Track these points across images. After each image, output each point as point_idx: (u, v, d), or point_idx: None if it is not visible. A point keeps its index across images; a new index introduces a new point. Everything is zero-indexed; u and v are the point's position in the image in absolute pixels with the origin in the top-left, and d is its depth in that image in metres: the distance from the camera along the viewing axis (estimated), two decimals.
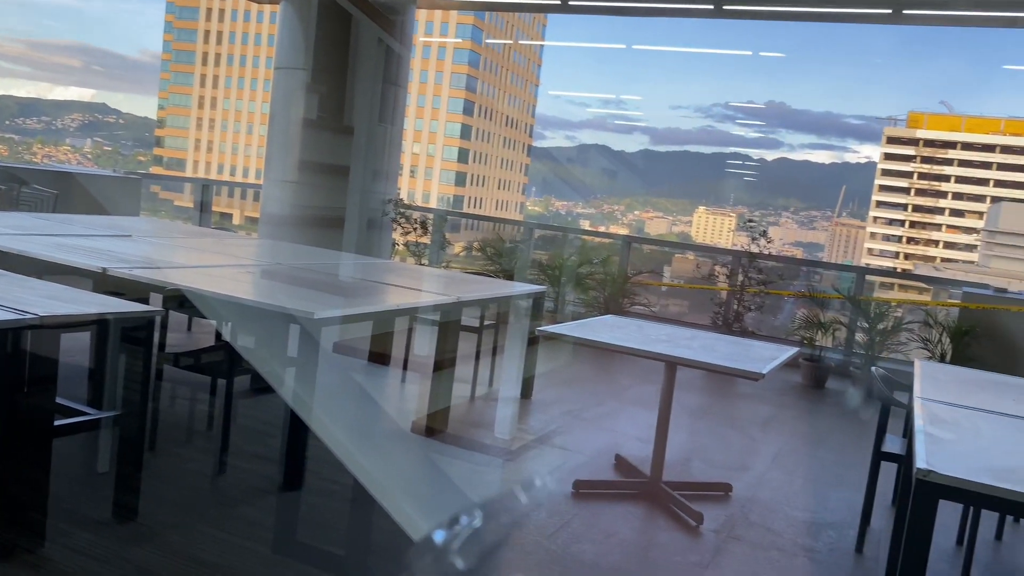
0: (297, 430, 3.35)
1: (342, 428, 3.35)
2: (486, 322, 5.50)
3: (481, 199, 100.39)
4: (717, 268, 8.39)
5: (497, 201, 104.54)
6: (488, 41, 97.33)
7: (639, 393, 6.06)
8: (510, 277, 8.30)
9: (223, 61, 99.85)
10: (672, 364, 3.93)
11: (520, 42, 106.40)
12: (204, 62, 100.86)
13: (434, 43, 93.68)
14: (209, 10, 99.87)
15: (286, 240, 6.76)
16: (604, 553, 3.27)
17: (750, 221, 8.30)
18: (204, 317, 3.97)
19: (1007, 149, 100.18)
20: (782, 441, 5.36)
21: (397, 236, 8.18)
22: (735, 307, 7.87)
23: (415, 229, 8.21)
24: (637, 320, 5.09)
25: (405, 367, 5.38)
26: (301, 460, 3.41)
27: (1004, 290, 7.40)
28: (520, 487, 3.92)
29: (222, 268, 4.53)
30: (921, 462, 2.24)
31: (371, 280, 4.97)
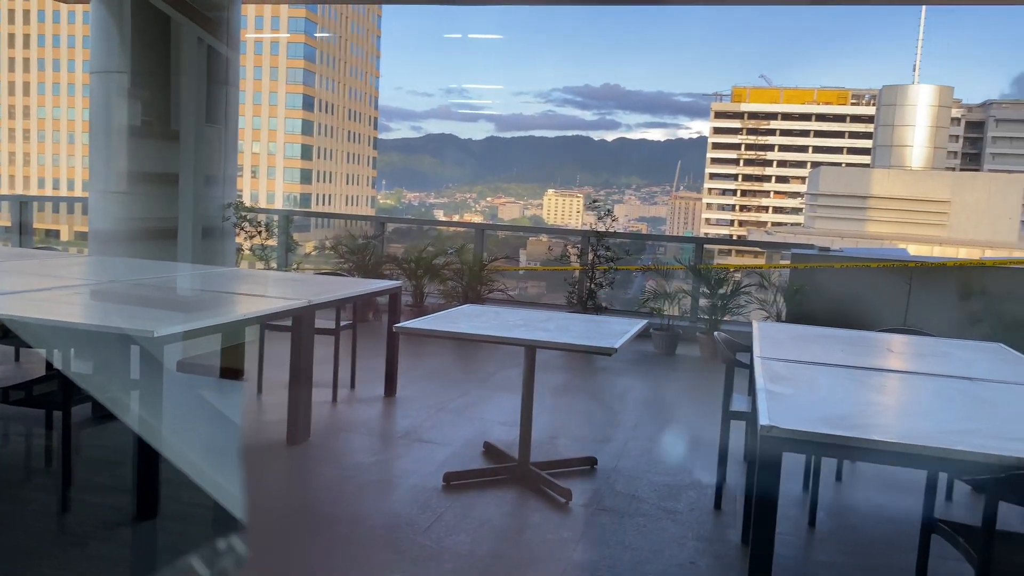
0: (146, 456, 3.16)
1: (194, 448, 3.19)
2: (343, 322, 5.39)
3: (330, 196, 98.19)
4: (570, 248, 8.60)
5: (347, 197, 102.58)
6: (319, 35, 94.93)
7: (503, 379, 6.13)
8: (366, 274, 8.18)
9: (33, 66, 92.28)
10: (531, 348, 4.00)
11: (355, 34, 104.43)
12: (11, 68, 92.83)
13: (266, 39, 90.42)
14: (11, 11, 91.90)
15: (118, 255, 6.35)
16: (478, 541, 3.29)
17: (595, 201, 8.54)
18: (31, 347, 3.67)
19: (821, 117, 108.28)
20: (640, 410, 5.57)
21: (241, 241, 7.87)
22: (588, 285, 8.10)
23: (259, 232, 7.92)
24: (495, 307, 5.14)
25: (260, 378, 5.19)
26: (154, 487, 3.23)
27: (827, 248, 8.00)
28: (389, 486, 3.87)
29: (49, 291, 4.20)
30: (764, 419, 2.39)
31: (215, 291, 4.75)
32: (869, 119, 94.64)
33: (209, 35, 6.31)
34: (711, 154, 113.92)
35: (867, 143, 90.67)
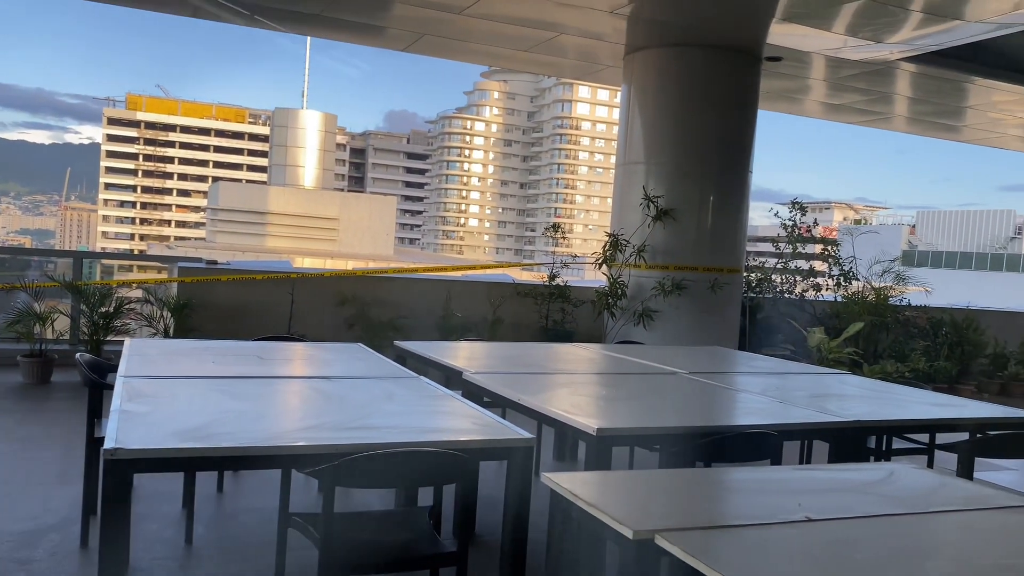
0: None
1: None
2: None
3: None
4: None
5: None
6: None
7: None
8: None
9: None
10: None
11: None
12: None
13: None
14: None
15: None
16: None
17: None
18: None
19: (220, 133, 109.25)
20: None
21: None
22: None
23: None
24: None
25: None
26: None
27: (215, 262, 8.04)
28: None
29: None
30: (111, 442, 2.24)
31: None
32: (265, 138, 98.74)
33: None
34: (106, 163, 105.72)
35: (265, 161, 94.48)
